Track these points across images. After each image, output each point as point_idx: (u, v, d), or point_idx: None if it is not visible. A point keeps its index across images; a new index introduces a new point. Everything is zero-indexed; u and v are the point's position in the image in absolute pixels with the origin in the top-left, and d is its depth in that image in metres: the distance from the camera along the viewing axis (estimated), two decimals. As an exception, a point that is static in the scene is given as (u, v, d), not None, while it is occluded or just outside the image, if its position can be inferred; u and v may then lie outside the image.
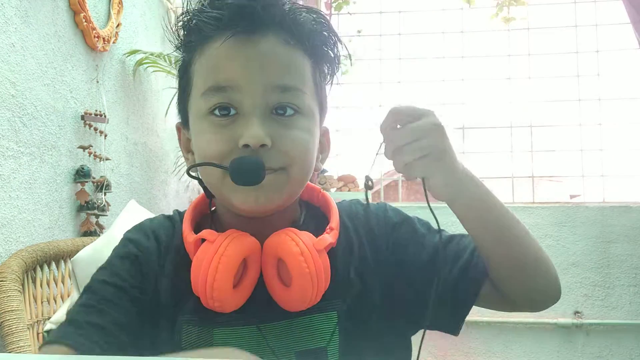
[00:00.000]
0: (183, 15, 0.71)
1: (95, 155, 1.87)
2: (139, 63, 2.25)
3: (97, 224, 1.86)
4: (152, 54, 2.27)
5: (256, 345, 0.68)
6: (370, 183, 0.68)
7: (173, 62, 2.35)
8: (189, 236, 0.69)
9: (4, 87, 1.45)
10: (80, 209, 1.79)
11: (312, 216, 0.77)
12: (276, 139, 0.65)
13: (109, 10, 2.02)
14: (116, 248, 0.77)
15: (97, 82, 1.93)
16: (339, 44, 0.72)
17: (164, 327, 0.70)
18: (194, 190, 2.94)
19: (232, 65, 0.66)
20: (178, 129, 0.77)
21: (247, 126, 0.64)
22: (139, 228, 0.78)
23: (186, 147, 0.76)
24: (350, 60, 0.79)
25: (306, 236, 0.67)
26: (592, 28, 3.05)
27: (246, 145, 0.64)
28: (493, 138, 3.28)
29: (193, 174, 0.72)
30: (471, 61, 3.18)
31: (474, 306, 0.76)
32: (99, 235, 1.79)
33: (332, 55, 0.72)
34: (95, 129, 1.88)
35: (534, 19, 3.14)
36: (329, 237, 0.68)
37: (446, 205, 0.70)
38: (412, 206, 2.72)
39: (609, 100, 2.99)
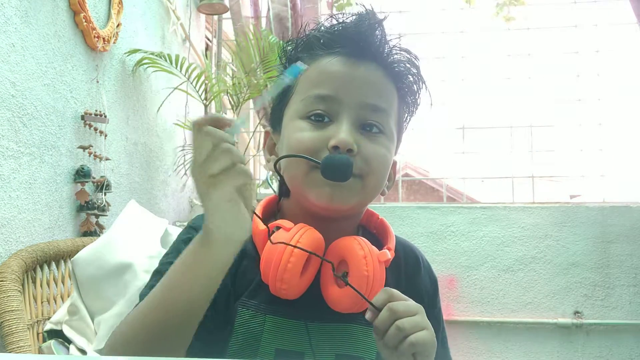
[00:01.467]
0: (298, 37, 0.81)
1: (95, 155, 1.87)
2: (139, 63, 2.25)
3: (97, 224, 1.86)
4: (152, 53, 2.27)
5: (301, 339, 0.74)
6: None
7: (173, 61, 2.35)
8: (259, 225, 0.74)
9: (4, 87, 1.45)
10: (80, 209, 1.79)
11: (367, 237, 0.81)
12: (361, 148, 0.73)
13: (109, 10, 2.02)
14: (180, 234, 0.82)
15: (97, 82, 1.93)
16: (423, 90, 0.82)
17: (220, 308, 0.75)
18: (193, 190, 2.95)
19: (337, 80, 0.75)
20: (266, 133, 0.85)
21: (339, 130, 0.72)
22: (202, 217, 0.84)
23: (270, 150, 0.83)
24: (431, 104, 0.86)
25: (372, 246, 0.73)
26: (592, 28, 3.05)
27: (335, 147, 0.71)
28: (493, 138, 3.28)
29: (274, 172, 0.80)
30: (471, 61, 3.18)
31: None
32: (99, 235, 1.79)
33: (414, 99, 0.81)
34: (95, 129, 1.88)
35: (534, 19, 3.14)
36: (389, 254, 0.74)
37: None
38: (412, 206, 2.72)
39: (609, 100, 2.99)
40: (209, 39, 3.43)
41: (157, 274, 0.77)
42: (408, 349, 0.62)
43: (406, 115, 0.83)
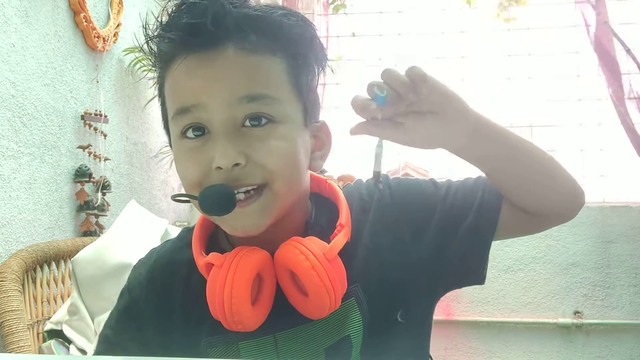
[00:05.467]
0: (145, 36, 0.69)
1: (95, 155, 1.87)
2: (134, 62, 2.23)
3: (97, 224, 1.86)
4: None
5: (278, 352, 0.68)
6: (379, 180, 0.63)
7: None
8: (199, 259, 0.68)
9: (4, 87, 1.45)
10: (80, 208, 1.79)
11: (323, 209, 0.73)
12: (251, 154, 0.61)
13: (109, 10, 2.02)
14: (118, 300, 0.78)
15: (97, 82, 1.93)
16: (316, 39, 0.68)
17: (187, 348, 0.71)
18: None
19: (192, 85, 0.63)
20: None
21: (217, 146, 0.61)
22: (140, 268, 0.78)
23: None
24: (330, 67, 0.71)
25: (315, 246, 0.64)
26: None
27: (220, 168, 0.61)
28: (493, 138, 3.27)
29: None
30: (471, 61, 3.18)
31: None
32: (99, 235, 1.79)
33: (313, 51, 0.68)
34: (95, 129, 1.88)
35: (534, 19, 3.14)
36: (342, 239, 0.66)
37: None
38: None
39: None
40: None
41: (105, 341, 0.74)
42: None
43: (308, 69, 0.68)
